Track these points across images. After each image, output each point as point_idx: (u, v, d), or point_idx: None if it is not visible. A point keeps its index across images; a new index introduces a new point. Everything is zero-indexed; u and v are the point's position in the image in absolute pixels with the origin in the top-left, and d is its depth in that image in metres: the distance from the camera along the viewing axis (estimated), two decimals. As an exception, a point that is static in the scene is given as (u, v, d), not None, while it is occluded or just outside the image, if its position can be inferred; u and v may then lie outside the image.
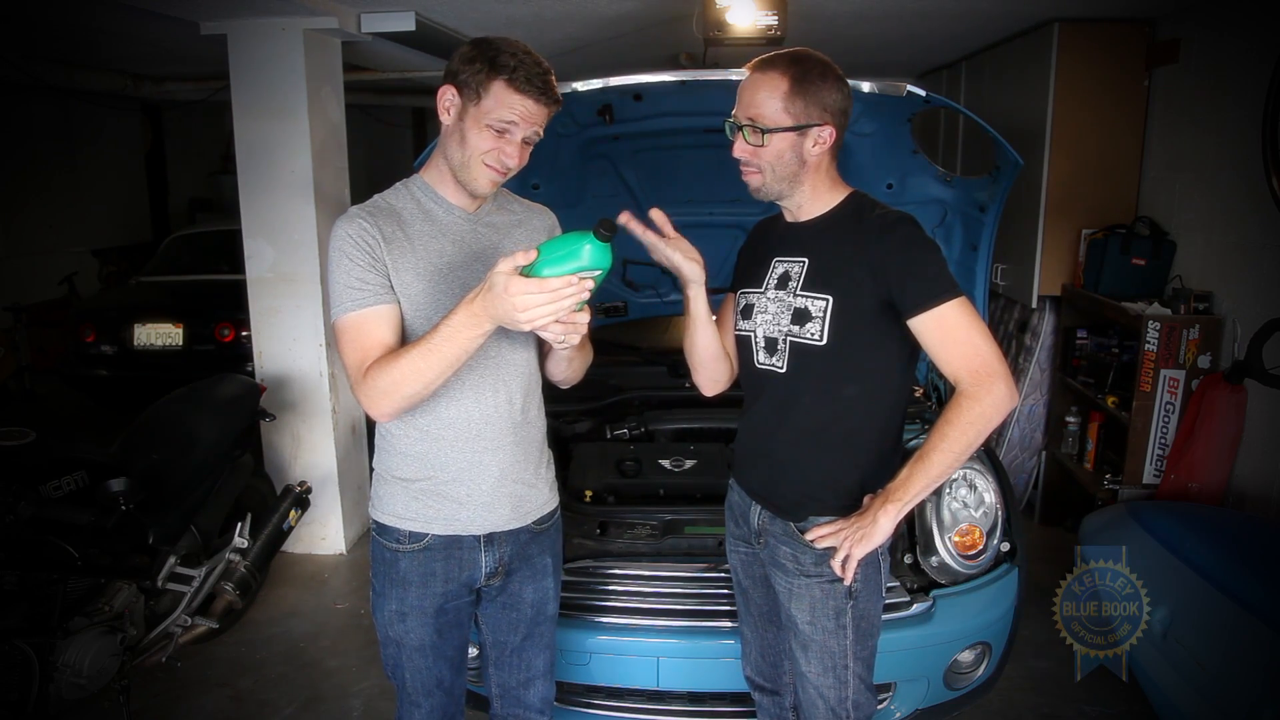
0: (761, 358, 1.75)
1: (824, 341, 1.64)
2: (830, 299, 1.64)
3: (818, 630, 1.73)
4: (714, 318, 1.86)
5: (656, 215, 1.73)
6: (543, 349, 1.76)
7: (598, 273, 1.40)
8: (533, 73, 1.51)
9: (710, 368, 1.87)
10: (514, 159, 1.56)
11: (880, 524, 1.62)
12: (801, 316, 1.66)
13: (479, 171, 1.58)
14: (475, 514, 1.68)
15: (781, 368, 1.71)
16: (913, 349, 1.71)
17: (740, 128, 1.64)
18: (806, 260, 1.69)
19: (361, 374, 1.54)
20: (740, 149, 1.65)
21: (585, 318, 1.46)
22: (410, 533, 1.68)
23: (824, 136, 1.63)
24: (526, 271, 1.39)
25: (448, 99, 1.57)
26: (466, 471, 1.67)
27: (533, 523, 1.77)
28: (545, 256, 1.39)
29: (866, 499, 1.69)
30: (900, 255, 1.59)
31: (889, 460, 1.75)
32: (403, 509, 1.69)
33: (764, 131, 1.60)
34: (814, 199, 1.70)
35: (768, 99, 1.60)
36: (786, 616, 1.78)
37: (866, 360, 1.67)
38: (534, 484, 1.76)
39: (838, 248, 1.66)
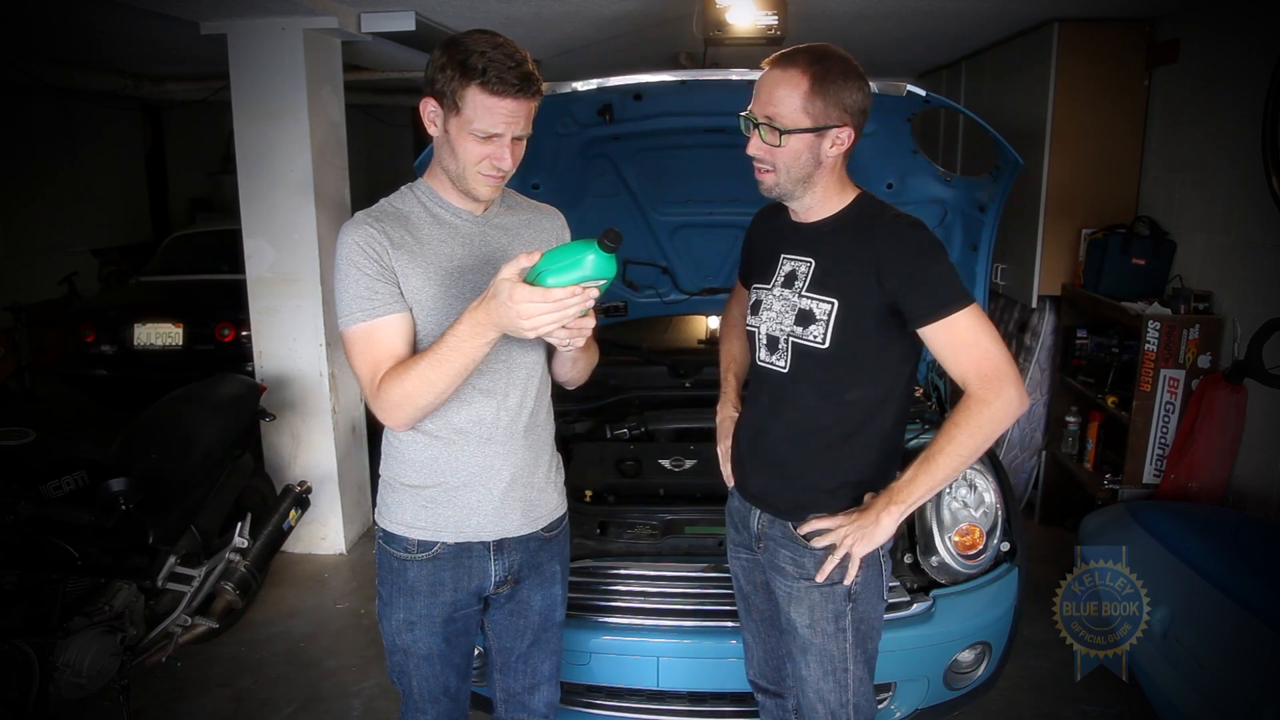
0: (763, 355, 1.74)
1: (826, 345, 1.63)
2: (836, 303, 1.62)
3: (817, 634, 1.72)
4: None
5: None
6: (549, 350, 1.75)
7: (602, 282, 1.39)
8: (505, 69, 1.45)
9: None
10: (507, 161, 1.53)
11: (883, 524, 1.61)
12: (805, 318, 1.65)
13: (476, 180, 1.55)
14: (486, 520, 1.67)
15: (784, 367, 1.70)
16: (917, 353, 1.69)
17: (756, 125, 1.59)
18: (813, 261, 1.67)
19: (375, 387, 1.53)
20: (756, 147, 1.61)
21: (590, 322, 1.46)
22: (419, 541, 1.66)
23: (842, 138, 1.59)
24: (530, 278, 1.38)
25: (430, 111, 1.54)
26: (478, 476, 1.65)
27: (542, 529, 1.75)
28: (549, 265, 1.38)
29: (868, 497, 1.68)
30: (908, 264, 1.57)
31: (890, 463, 1.75)
32: (411, 517, 1.67)
33: (782, 132, 1.56)
34: (824, 201, 1.67)
35: (787, 97, 1.55)
36: (786, 620, 1.78)
37: (869, 365, 1.66)
38: (544, 489, 1.75)
39: (845, 251, 1.64)
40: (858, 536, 1.63)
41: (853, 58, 1.60)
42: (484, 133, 1.49)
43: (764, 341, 1.74)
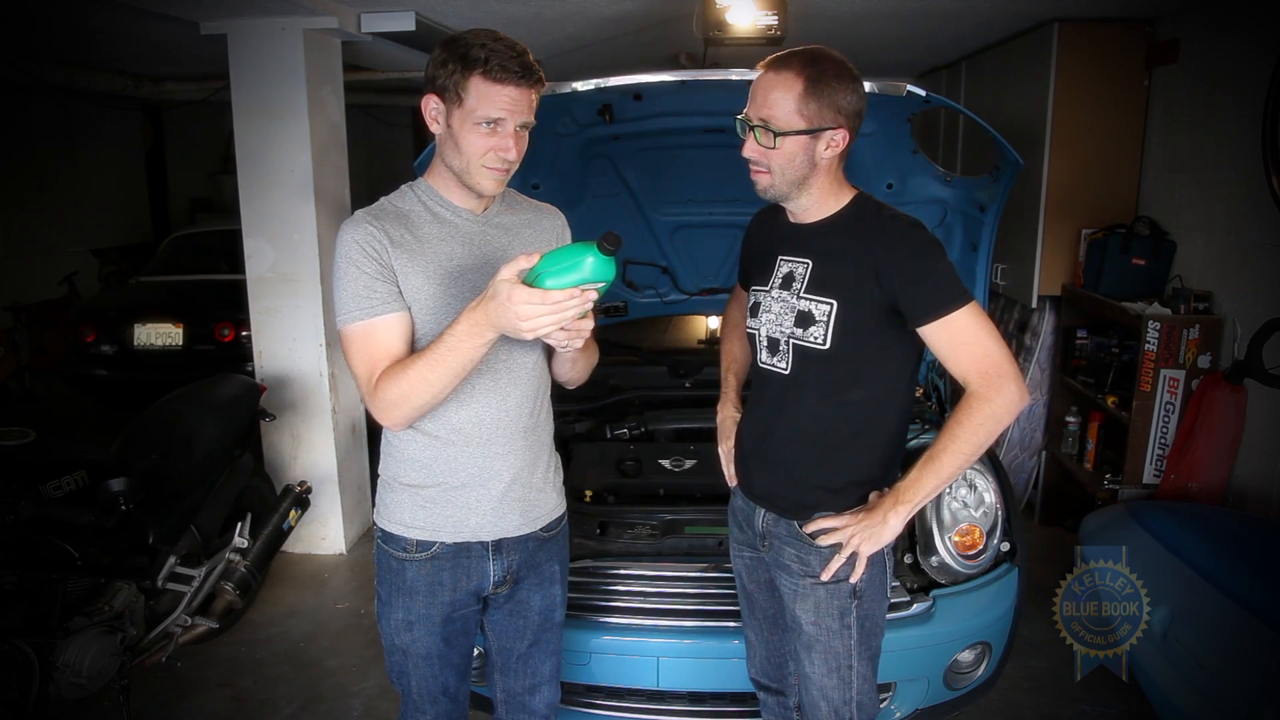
0: (764, 357, 1.75)
1: (827, 346, 1.63)
2: (834, 304, 1.62)
3: (822, 631, 1.73)
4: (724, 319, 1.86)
5: None
6: (549, 350, 1.75)
7: (601, 285, 1.38)
8: (506, 58, 1.46)
9: None
10: (512, 152, 1.53)
11: (890, 524, 1.62)
12: (805, 319, 1.65)
13: (481, 174, 1.55)
14: (485, 520, 1.67)
15: (785, 369, 1.70)
16: (919, 352, 1.70)
17: (752, 127, 1.60)
18: (810, 262, 1.67)
19: (372, 385, 1.52)
20: (751, 149, 1.62)
21: (589, 324, 1.46)
22: (418, 541, 1.66)
23: (837, 140, 1.59)
24: (529, 279, 1.38)
25: (432, 108, 1.54)
26: (477, 477, 1.65)
27: (541, 529, 1.75)
28: (548, 267, 1.37)
29: (873, 496, 1.69)
30: (907, 263, 1.58)
31: (893, 463, 1.75)
32: (410, 517, 1.66)
33: (777, 134, 1.57)
34: (821, 202, 1.67)
35: (781, 99, 1.56)
36: (791, 618, 1.78)
37: (870, 364, 1.66)
38: (543, 489, 1.75)
39: (842, 252, 1.64)
40: (865, 536, 1.64)
41: (848, 60, 1.60)
42: (488, 120, 1.49)
43: (764, 344, 1.74)
